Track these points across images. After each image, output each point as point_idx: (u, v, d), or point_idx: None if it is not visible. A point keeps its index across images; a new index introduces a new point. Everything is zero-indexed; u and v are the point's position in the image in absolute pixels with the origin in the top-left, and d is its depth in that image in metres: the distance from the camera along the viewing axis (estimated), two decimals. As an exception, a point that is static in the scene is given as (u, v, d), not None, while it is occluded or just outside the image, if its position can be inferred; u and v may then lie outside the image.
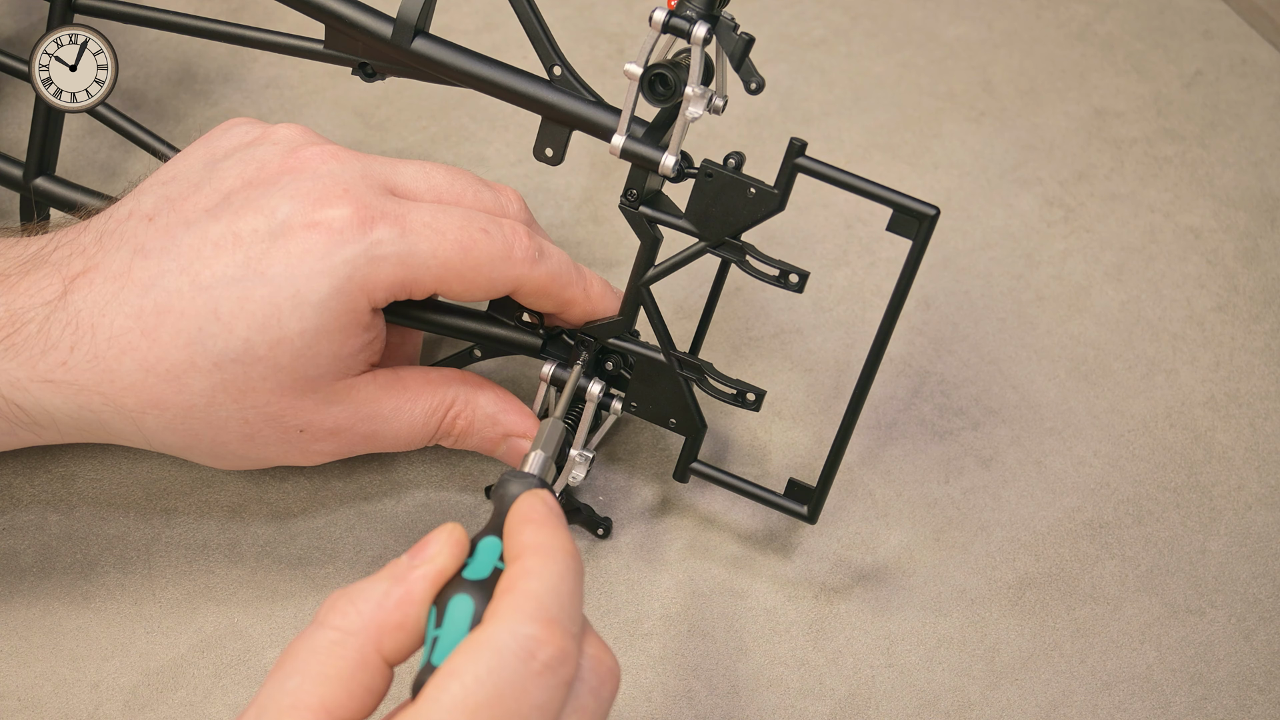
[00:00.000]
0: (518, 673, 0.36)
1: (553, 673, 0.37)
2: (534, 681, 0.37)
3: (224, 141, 0.49)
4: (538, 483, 0.42)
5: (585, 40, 0.69)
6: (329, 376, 0.47)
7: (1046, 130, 0.68)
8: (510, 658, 0.37)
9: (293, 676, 0.38)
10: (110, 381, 0.45)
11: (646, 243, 0.50)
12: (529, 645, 0.37)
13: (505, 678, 0.36)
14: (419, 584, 0.39)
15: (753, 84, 0.45)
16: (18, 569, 0.52)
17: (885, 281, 0.62)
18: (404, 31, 0.50)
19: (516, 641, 0.37)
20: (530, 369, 0.58)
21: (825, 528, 0.55)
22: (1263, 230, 0.64)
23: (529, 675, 0.37)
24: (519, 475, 0.43)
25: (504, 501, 0.42)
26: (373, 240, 0.45)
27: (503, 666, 0.36)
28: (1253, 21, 0.72)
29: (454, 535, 0.40)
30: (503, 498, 0.42)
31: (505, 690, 0.36)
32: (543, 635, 0.37)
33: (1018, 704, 0.51)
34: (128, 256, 0.46)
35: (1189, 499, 0.56)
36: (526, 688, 0.36)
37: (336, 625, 0.38)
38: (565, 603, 0.38)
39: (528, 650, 0.37)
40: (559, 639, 0.37)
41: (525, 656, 0.37)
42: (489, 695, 0.36)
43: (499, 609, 0.38)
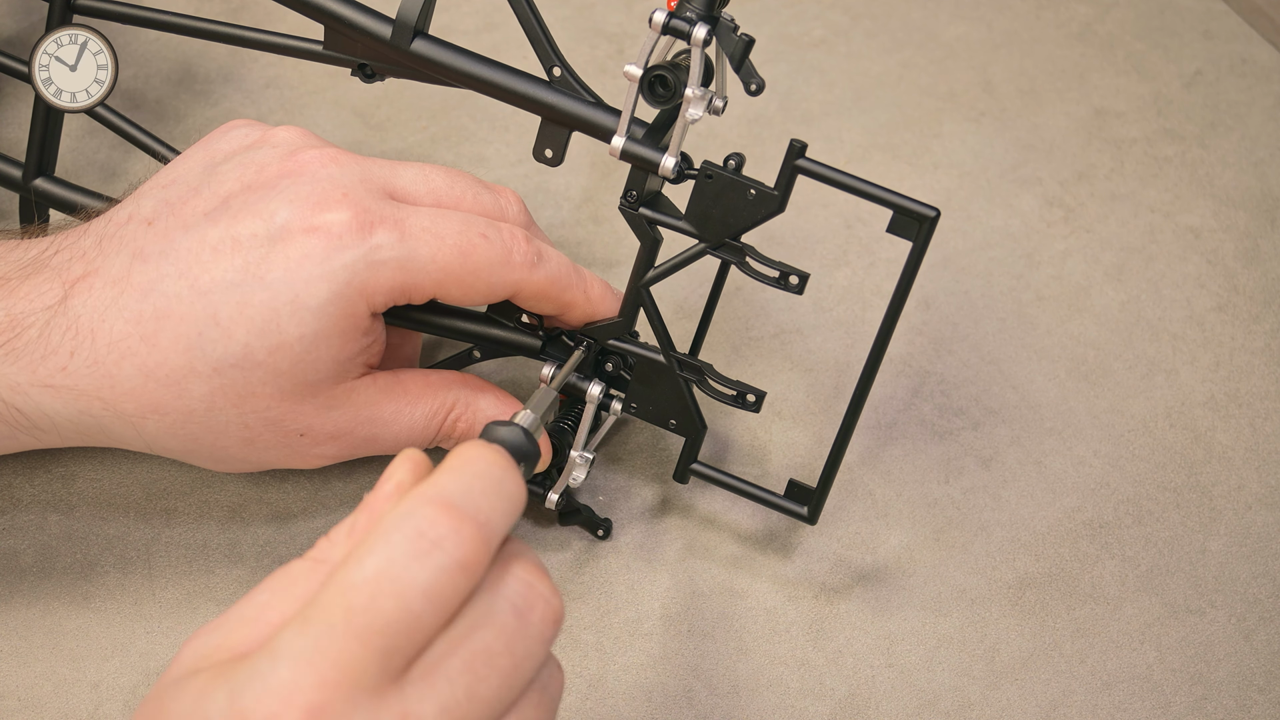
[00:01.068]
0: (402, 549, 0.35)
1: (442, 552, 0.35)
2: (419, 561, 0.35)
3: (223, 144, 0.49)
4: (522, 431, 0.41)
5: (585, 40, 0.69)
6: (329, 381, 0.47)
7: (1046, 130, 0.68)
8: (398, 536, 0.35)
9: (264, 593, 0.37)
10: (110, 387, 0.45)
11: (646, 244, 0.50)
12: (419, 523, 0.35)
13: (389, 554, 0.35)
14: (382, 504, 0.38)
15: (753, 85, 0.45)
16: (18, 569, 0.52)
17: (885, 282, 0.62)
18: (403, 32, 0.50)
19: (408, 521, 0.35)
20: (530, 370, 0.58)
21: (825, 528, 0.55)
22: (1263, 230, 0.64)
23: (414, 553, 0.35)
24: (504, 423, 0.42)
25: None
26: (372, 245, 0.45)
27: (389, 545, 0.35)
28: (1253, 21, 0.72)
29: (410, 454, 0.39)
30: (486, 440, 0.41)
31: (389, 567, 0.35)
32: (435, 515, 0.35)
33: (1018, 704, 0.51)
34: (127, 261, 0.46)
35: (1189, 499, 0.56)
36: (410, 566, 0.35)
37: (313, 555, 0.38)
38: (476, 498, 0.36)
39: (417, 528, 0.35)
40: (453, 520, 0.35)
41: (414, 534, 0.35)
42: (372, 572, 0.34)
43: (402, 498, 0.36)
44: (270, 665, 0.34)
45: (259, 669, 0.34)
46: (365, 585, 0.34)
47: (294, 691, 0.34)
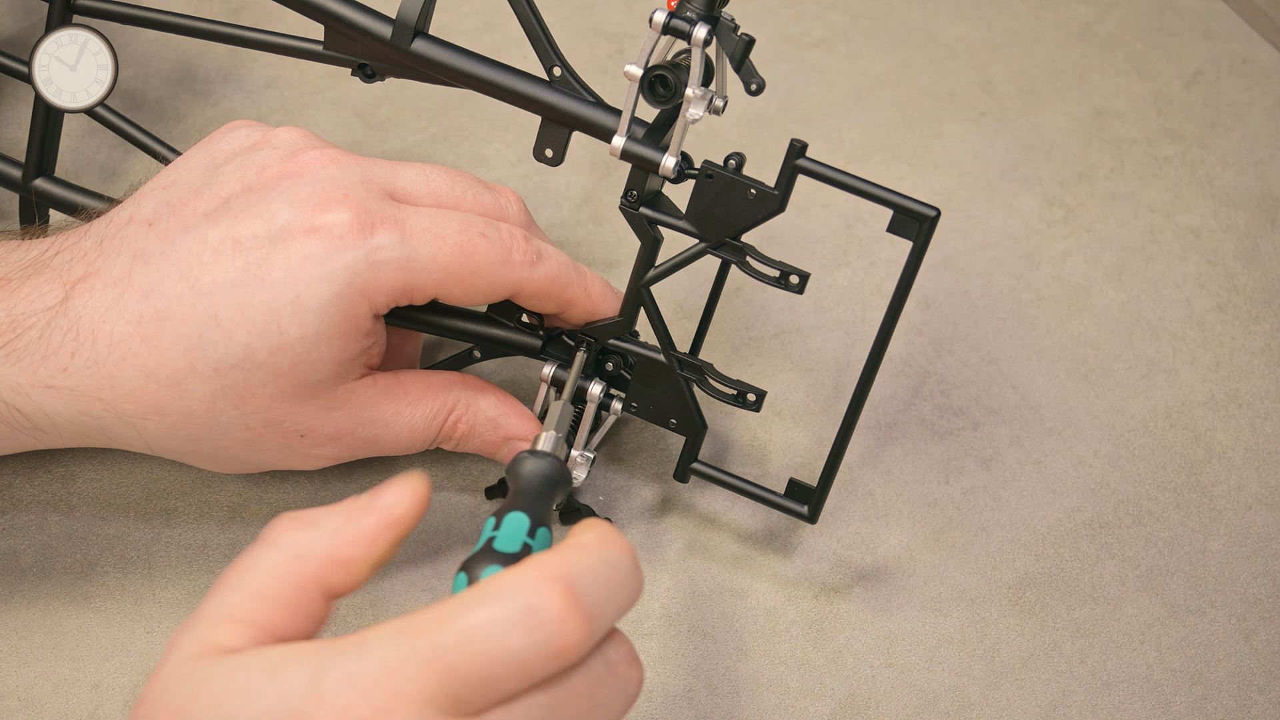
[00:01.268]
0: (508, 616, 0.35)
1: (545, 635, 0.35)
2: (519, 634, 0.34)
3: (224, 145, 0.49)
4: (555, 461, 0.42)
5: (585, 40, 0.69)
6: (329, 382, 0.47)
7: (1046, 130, 0.68)
8: (510, 601, 0.35)
9: (235, 591, 0.37)
10: (111, 388, 0.45)
11: (647, 244, 0.50)
12: (535, 599, 0.35)
13: (495, 615, 0.35)
14: (372, 526, 0.38)
15: (753, 85, 0.45)
16: (18, 569, 0.52)
17: (885, 281, 0.62)
18: (403, 32, 0.50)
19: (525, 590, 0.35)
20: (530, 370, 0.58)
21: (825, 528, 0.55)
22: (1263, 230, 0.64)
23: (517, 625, 0.34)
24: (536, 453, 0.42)
25: (520, 479, 0.41)
26: (373, 245, 0.45)
27: (498, 605, 0.35)
28: (1253, 21, 0.72)
29: (415, 484, 0.39)
30: (518, 475, 0.42)
31: (489, 626, 0.34)
32: (553, 597, 0.35)
33: (1018, 704, 0.51)
34: (128, 262, 0.46)
35: (1189, 499, 0.56)
36: (508, 634, 0.34)
37: (285, 547, 0.38)
38: (599, 589, 0.36)
39: (530, 602, 0.35)
40: (568, 608, 0.35)
41: (525, 606, 0.35)
42: (473, 624, 0.34)
43: (527, 561, 0.36)
44: (358, 658, 0.35)
45: (346, 656, 0.35)
46: (461, 633, 0.35)
47: (372, 690, 0.34)
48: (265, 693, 0.35)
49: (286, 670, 0.35)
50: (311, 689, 0.34)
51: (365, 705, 0.34)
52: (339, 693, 0.34)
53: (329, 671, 0.35)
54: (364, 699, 0.34)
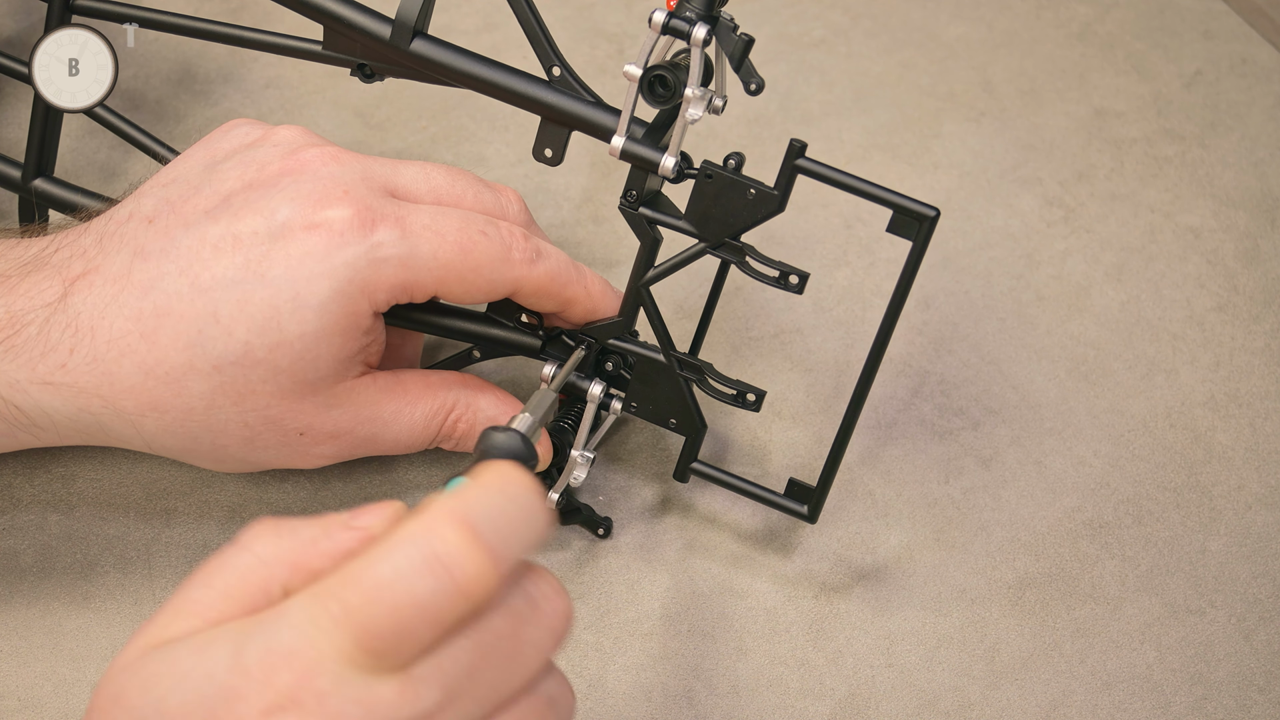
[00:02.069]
0: (411, 562, 0.34)
1: (449, 576, 0.34)
2: (423, 579, 0.34)
3: (224, 143, 0.49)
4: (520, 437, 0.41)
5: (585, 40, 0.69)
6: (329, 379, 0.47)
7: (1046, 130, 0.68)
8: (411, 547, 0.34)
9: (199, 588, 0.37)
10: (109, 384, 0.45)
11: (646, 244, 0.50)
12: (435, 542, 0.34)
13: (397, 564, 0.34)
14: (346, 543, 0.38)
15: (752, 85, 0.45)
16: (18, 569, 0.52)
17: (885, 281, 0.62)
18: (402, 32, 0.50)
19: (426, 535, 0.35)
20: (530, 370, 0.58)
21: (825, 527, 0.55)
22: (1263, 230, 0.64)
23: (421, 570, 0.34)
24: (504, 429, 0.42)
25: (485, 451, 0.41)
26: (374, 242, 0.45)
27: (400, 554, 0.34)
28: (1253, 21, 0.72)
29: (395, 512, 0.39)
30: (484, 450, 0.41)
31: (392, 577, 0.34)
32: (454, 538, 0.34)
33: (1018, 704, 0.51)
34: (127, 259, 0.46)
35: (1189, 499, 0.56)
36: (413, 581, 0.34)
37: (258, 552, 0.37)
38: (499, 525, 0.35)
39: (431, 546, 0.34)
40: (471, 546, 0.34)
41: (427, 551, 0.34)
42: (375, 578, 0.34)
43: (424, 505, 0.36)
44: (275, 628, 0.35)
45: (265, 629, 0.35)
46: (366, 587, 0.34)
47: (292, 655, 0.34)
48: (191, 673, 0.35)
49: (211, 648, 0.35)
50: (235, 663, 0.34)
51: (287, 672, 0.34)
52: (261, 663, 0.34)
53: (250, 644, 0.35)
54: (286, 666, 0.34)
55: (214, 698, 0.34)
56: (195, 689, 0.35)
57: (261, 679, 0.34)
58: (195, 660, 0.35)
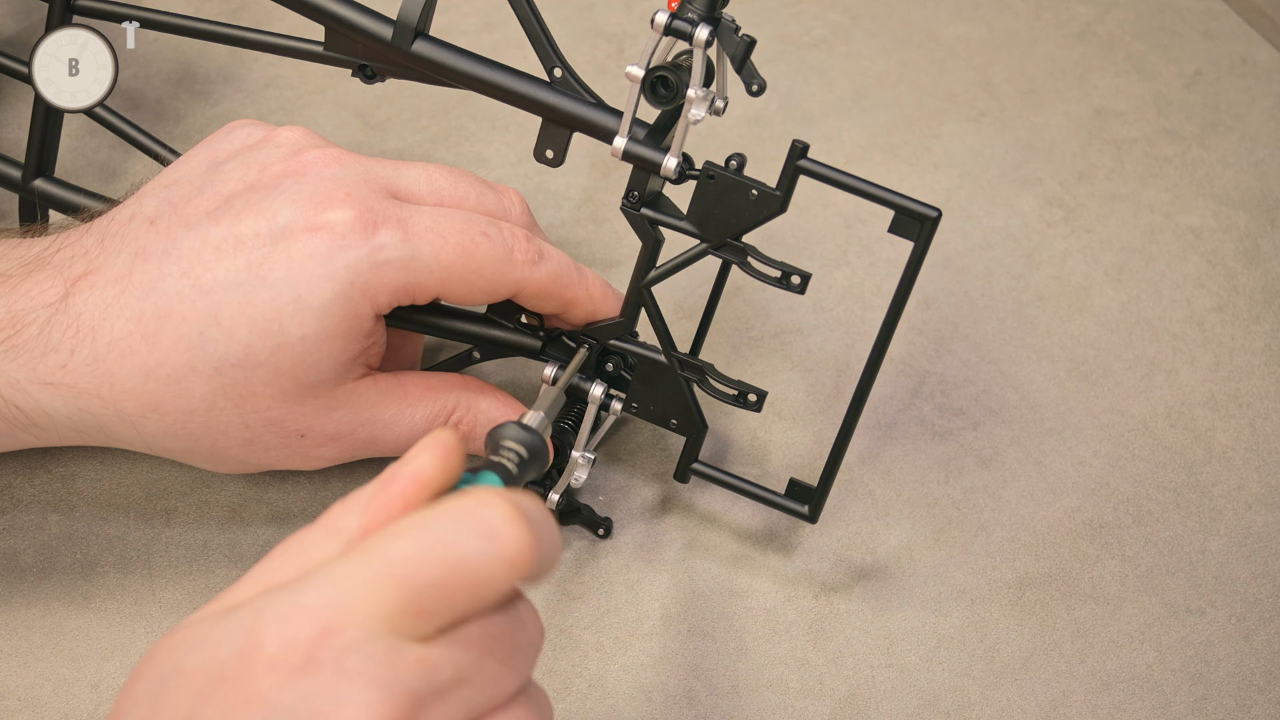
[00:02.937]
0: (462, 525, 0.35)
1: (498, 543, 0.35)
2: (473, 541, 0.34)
3: (226, 144, 0.49)
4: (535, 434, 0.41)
5: (585, 41, 0.69)
6: (330, 382, 0.47)
7: (1046, 130, 0.68)
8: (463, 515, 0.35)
9: (275, 560, 0.37)
10: (110, 385, 0.45)
11: (648, 244, 0.50)
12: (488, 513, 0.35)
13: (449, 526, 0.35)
14: (397, 488, 0.38)
15: (754, 86, 0.45)
16: (18, 569, 0.52)
17: (885, 281, 0.62)
18: (404, 34, 0.50)
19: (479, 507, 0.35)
20: (530, 371, 0.58)
21: (825, 527, 0.55)
22: (1263, 230, 0.64)
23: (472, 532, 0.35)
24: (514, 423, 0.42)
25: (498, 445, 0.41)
26: (376, 244, 0.45)
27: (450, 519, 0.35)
28: (1253, 21, 0.72)
29: (439, 437, 0.38)
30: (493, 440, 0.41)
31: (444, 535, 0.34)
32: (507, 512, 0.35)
33: (1018, 704, 0.51)
34: (129, 259, 0.46)
35: (1189, 499, 0.56)
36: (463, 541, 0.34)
37: (326, 524, 0.38)
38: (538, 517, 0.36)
39: (483, 516, 0.35)
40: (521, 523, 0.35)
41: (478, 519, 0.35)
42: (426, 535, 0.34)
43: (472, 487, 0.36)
44: (300, 588, 0.35)
45: (289, 591, 0.35)
46: (415, 542, 0.34)
47: (316, 610, 0.34)
48: (211, 635, 0.35)
49: (234, 612, 0.35)
50: (254, 623, 0.34)
51: (308, 626, 0.34)
52: (283, 620, 0.34)
53: (272, 605, 0.34)
54: (308, 621, 0.34)
55: (227, 657, 0.34)
56: (212, 649, 0.34)
57: (277, 634, 0.34)
58: (216, 623, 0.35)
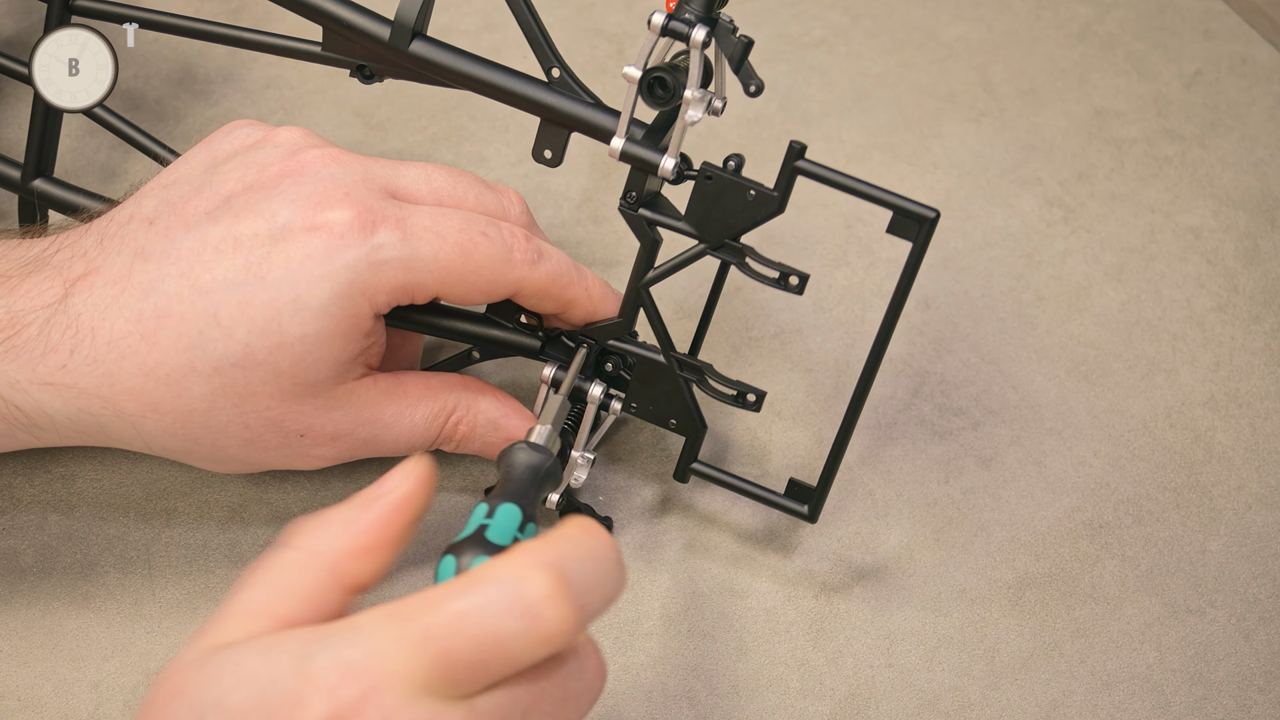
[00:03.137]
0: (500, 601, 0.34)
1: (535, 622, 0.35)
2: (509, 620, 0.34)
3: (225, 144, 0.49)
4: (546, 453, 0.42)
5: (585, 41, 0.69)
6: (330, 381, 0.47)
7: (1046, 130, 0.68)
8: (501, 588, 0.35)
9: (255, 588, 0.37)
10: (110, 385, 0.45)
11: (646, 245, 0.50)
12: (526, 587, 0.35)
13: (487, 599, 0.34)
14: (381, 511, 0.38)
15: (752, 87, 0.45)
16: (18, 569, 0.52)
17: (885, 281, 0.62)
18: (401, 34, 0.50)
19: (515, 577, 0.35)
20: (530, 371, 0.58)
21: (825, 527, 0.55)
22: (1263, 230, 0.64)
23: (508, 611, 0.34)
24: (529, 445, 0.42)
25: (512, 470, 0.42)
26: (375, 244, 0.45)
27: (490, 591, 0.35)
28: (1253, 21, 0.72)
29: (416, 466, 0.39)
30: (510, 465, 0.42)
31: (480, 611, 0.34)
32: (545, 585, 0.35)
33: (1018, 704, 0.51)
34: (128, 260, 0.46)
35: (1189, 499, 0.56)
36: (499, 619, 0.34)
37: (301, 545, 0.38)
38: (586, 579, 0.36)
39: (521, 590, 0.35)
40: (559, 596, 0.35)
41: (516, 593, 0.35)
42: (463, 608, 0.35)
43: (516, 549, 0.36)
44: (347, 641, 0.35)
45: (336, 639, 0.35)
46: (452, 616, 0.35)
47: (361, 671, 0.34)
48: (255, 674, 0.35)
49: (276, 652, 0.35)
50: (300, 669, 0.35)
51: (354, 685, 0.34)
52: (328, 673, 0.34)
53: (319, 653, 0.35)
54: (353, 679, 0.34)
55: (275, 700, 0.34)
56: (258, 690, 0.35)
57: (327, 688, 0.34)
58: (260, 662, 0.35)
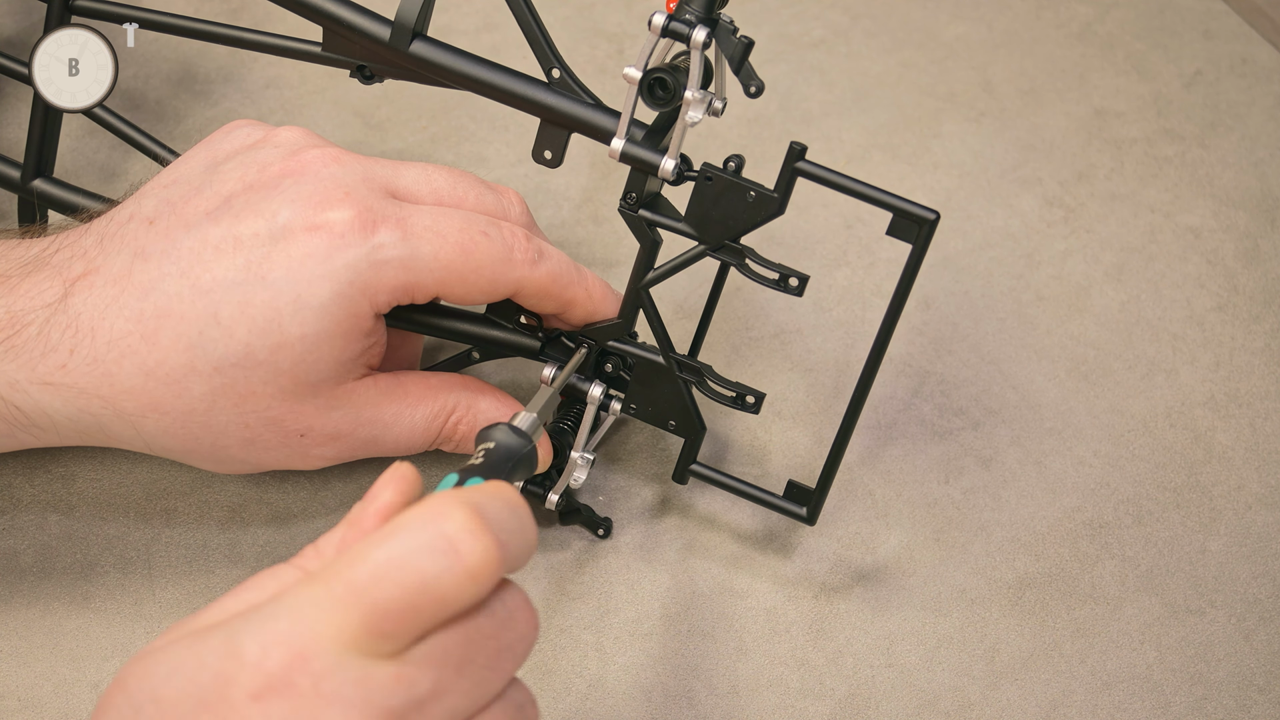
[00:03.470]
0: (421, 541, 0.35)
1: (458, 556, 0.35)
2: (433, 557, 0.35)
3: (225, 144, 0.49)
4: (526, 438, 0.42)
5: (585, 41, 0.69)
6: (330, 381, 0.47)
7: (1046, 130, 0.68)
8: (421, 528, 0.35)
9: (248, 591, 0.37)
10: (110, 385, 0.45)
11: (646, 246, 0.50)
12: (446, 524, 0.35)
13: (407, 543, 0.35)
14: (368, 525, 0.38)
15: (752, 87, 0.45)
16: (18, 569, 0.52)
17: (885, 282, 0.62)
18: (402, 34, 0.50)
19: (432, 516, 0.35)
20: (530, 371, 0.58)
21: (825, 528, 0.55)
22: (1263, 230, 0.64)
23: (431, 549, 0.35)
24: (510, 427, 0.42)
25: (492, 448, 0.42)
26: (375, 244, 0.45)
27: (409, 534, 0.35)
28: (1253, 21, 0.72)
29: (397, 472, 0.39)
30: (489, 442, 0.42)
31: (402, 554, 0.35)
32: (464, 520, 0.35)
33: (1018, 704, 0.51)
34: (128, 259, 0.46)
35: (1189, 499, 0.56)
36: (422, 559, 0.35)
37: (300, 565, 0.38)
38: (502, 519, 0.36)
39: (441, 528, 0.35)
40: (479, 530, 0.35)
41: (436, 532, 0.35)
42: (384, 555, 0.35)
43: (431, 495, 0.36)
44: (271, 614, 0.35)
45: (260, 616, 0.35)
46: (374, 564, 0.35)
47: (289, 637, 0.34)
48: (184, 662, 0.35)
49: (205, 639, 0.35)
50: (228, 649, 0.35)
51: (281, 654, 0.34)
52: (256, 647, 0.34)
53: (244, 632, 0.35)
54: (281, 647, 0.34)
55: (206, 684, 0.35)
56: (189, 677, 0.35)
57: (254, 662, 0.34)
58: (189, 651, 0.35)
